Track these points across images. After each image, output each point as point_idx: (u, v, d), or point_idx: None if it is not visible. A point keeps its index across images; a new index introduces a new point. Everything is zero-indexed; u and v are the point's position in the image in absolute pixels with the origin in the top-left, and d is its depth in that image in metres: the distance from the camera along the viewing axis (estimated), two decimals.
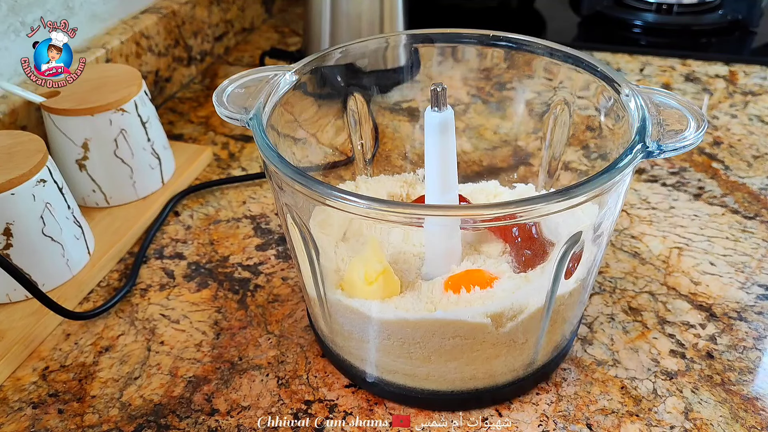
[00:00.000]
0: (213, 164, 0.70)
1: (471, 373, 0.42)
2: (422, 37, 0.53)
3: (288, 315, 0.52)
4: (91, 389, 0.46)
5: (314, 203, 0.38)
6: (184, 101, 0.82)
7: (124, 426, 0.44)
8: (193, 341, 0.50)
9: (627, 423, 0.43)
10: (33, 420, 0.44)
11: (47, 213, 0.51)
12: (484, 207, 0.35)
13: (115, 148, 0.59)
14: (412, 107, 0.60)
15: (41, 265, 0.51)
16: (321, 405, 0.45)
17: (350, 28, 0.77)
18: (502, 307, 0.40)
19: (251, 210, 0.64)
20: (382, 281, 0.41)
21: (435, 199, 0.45)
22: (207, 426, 0.43)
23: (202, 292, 0.54)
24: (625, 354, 0.48)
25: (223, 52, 0.93)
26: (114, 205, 0.62)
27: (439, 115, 0.42)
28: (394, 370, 0.43)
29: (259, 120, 0.41)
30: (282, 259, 0.57)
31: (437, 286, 0.42)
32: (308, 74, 0.48)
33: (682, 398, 0.44)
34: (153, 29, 0.77)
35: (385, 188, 0.55)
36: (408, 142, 0.59)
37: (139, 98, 0.60)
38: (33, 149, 0.51)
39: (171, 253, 0.59)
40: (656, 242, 0.58)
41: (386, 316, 0.41)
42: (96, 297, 0.54)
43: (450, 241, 0.44)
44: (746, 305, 0.52)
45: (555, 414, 0.44)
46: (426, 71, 0.56)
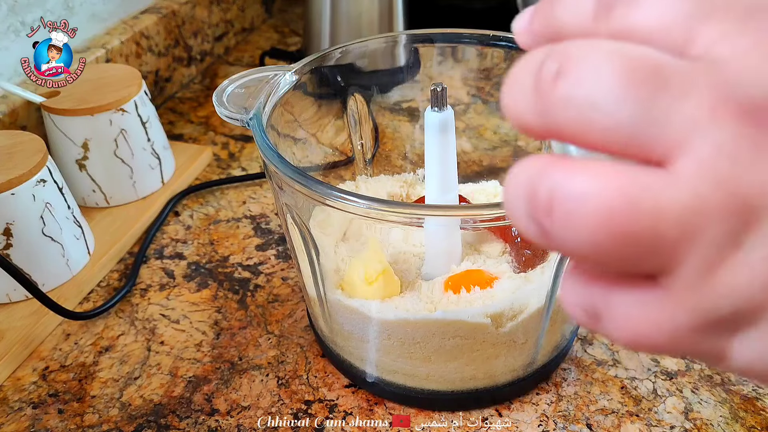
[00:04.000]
0: (213, 164, 0.70)
1: (471, 373, 0.42)
2: (422, 37, 0.53)
3: (288, 315, 0.52)
4: (91, 389, 0.46)
5: (314, 203, 0.38)
6: (184, 101, 0.82)
7: (124, 426, 0.44)
8: (193, 341, 0.50)
9: (627, 423, 0.43)
10: (33, 420, 0.44)
11: (47, 213, 0.51)
12: (484, 207, 0.35)
13: (115, 148, 0.59)
14: (412, 107, 0.60)
15: (41, 265, 0.51)
16: (321, 405, 0.45)
17: (350, 28, 0.77)
18: (502, 307, 0.40)
19: (251, 210, 0.64)
20: (382, 281, 0.41)
21: (435, 199, 0.45)
22: (207, 426, 0.43)
23: (202, 292, 0.54)
24: (625, 354, 0.48)
25: (223, 52, 0.93)
26: (114, 205, 0.62)
27: (439, 115, 0.42)
28: (394, 370, 0.43)
29: (259, 120, 0.41)
30: (282, 259, 0.57)
31: (437, 286, 0.42)
32: (308, 74, 0.48)
33: (682, 398, 0.44)
34: (153, 29, 0.77)
35: (385, 188, 0.55)
36: (408, 142, 0.59)
37: (139, 98, 0.60)
38: (33, 149, 0.51)
39: (171, 253, 0.59)
40: None
41: (386, 316, 0.41)
42: (96, 297, 0.54)
43: (450, 241, 0.44)
44: None
45: (555, 414, 0.44)
46: (426, 71, 0.56)
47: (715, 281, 0.14)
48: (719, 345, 0.15)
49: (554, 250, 0.16)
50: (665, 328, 0.15)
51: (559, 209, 0.15)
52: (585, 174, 0.14)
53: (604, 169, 0.14)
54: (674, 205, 0.14)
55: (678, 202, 0.14)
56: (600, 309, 0.16)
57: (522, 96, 0.16)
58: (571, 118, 0.15)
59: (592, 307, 0.16)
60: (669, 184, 0.14)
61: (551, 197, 0.15)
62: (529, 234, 0.16)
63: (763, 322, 0.14)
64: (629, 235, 0.14)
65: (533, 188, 0.15)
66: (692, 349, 0.16)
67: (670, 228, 0.14)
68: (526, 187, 0.15)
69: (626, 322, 0.16)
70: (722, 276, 0.14)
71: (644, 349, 0.16)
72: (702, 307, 0.15)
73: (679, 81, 0.14)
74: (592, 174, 0.14)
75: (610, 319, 0.16)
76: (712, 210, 0.14)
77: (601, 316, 0.16)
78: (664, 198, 0.14)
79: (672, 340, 0.15)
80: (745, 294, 0.14)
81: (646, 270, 0.15)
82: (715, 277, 0.14)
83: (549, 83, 0.15)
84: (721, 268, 0.14)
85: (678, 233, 0.14)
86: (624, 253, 0.14)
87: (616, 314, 0.16)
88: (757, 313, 0.14)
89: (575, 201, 0.14)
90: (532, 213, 0.15)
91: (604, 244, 0.14)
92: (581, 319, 0.17)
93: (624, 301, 0.16)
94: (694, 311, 0.15)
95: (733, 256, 0.14)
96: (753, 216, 0.14)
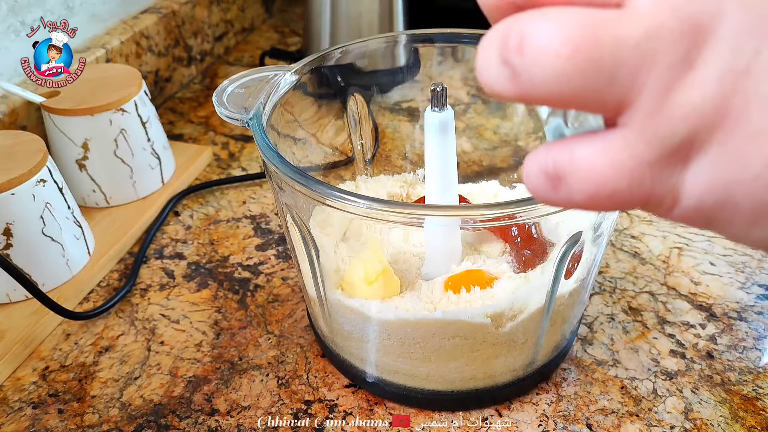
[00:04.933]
0: (213, 164, 0.70)
1: (471, 373, 0.42)
2: (422, 37, 0.53)
3: (288, 315, 0.52)
4: (91, 389, 0.46)
5: (314, 203, 0.38)
6: (184, 101, 0.82)
7: (124, 426, 0.44)
8: (193, 341, 0.50)
9: (627, 423, 0.43)
10: (33, 420, 0.44)
11: (47, 213, 0.51)
12: (484, 207, 0.35)
13: (115, 148, 0.59)
14: (412, 107, 0.60)
15: (41, 265, 0.51)
16: (321, 405, 0.45)
17: (350, 28, 0.77)
18: (502, 307, 0.40)
19: (251, 210, 0.64)
20: (382, 281, 0.41)
21: (435, 199, 0.45)
22: (207, 426, 0.43)
23: (202, 292, 0.54)
24: (625, 354, 0.48)
25: (223, 52, 0.93)
26: (114, 205, 0.62)
27: (439, 115, 0.42)
28: (394, 370, 0.43)
29: (259, 120, 0.40)
30: (282, 259, 0.57)
31: (437, 286, 0.42)
32: (308, 74, 0.48)
33: (682, 398, 0.44)
34: (153, 29, 0.77)
35: (385, 188, 0.55)
36: (408, 142, 0.59)
37: (139, 98, 0.60)
38: (33, 149, 0.51)
39: (171, 253, 0.59)
40: (656, 242, 0.58)
41: (386, 316, 0.41)
42: (96, 297, 0.54)
43: (450, 241, 0.44)
44: (746, 305, 0.52)
45: (555, 414, 0.44)
46: (426, 71, 0.56)
47: (671, 103, 0.16)
48: (673, 180, 0.16)
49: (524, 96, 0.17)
50: (626, 165, 0.16)
51: (529, 46, 0.16)
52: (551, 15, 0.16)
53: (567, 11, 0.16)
54: (633, 32, 0.15)
55: (636, 29, 0.15)
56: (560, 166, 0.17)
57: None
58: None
59: (553, 168, 0.17)
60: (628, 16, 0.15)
61: (521, 38, 0.16)
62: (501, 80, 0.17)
63: (713, 145, 0.16)
64: (593, 63, 0.15)
65: (505, 33, 0.16)
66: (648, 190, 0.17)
67: (630, 53, 0.15)
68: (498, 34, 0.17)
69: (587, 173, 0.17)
70: (677, 97, 0.16)
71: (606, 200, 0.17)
72: (660, 133, 0.16)
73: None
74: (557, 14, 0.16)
75: (573, 171, 0.17)
76: (666, 33, 0.15)
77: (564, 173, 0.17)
78: (624, 27, 0.15)
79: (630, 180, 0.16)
80: (698, 112, 0.15)
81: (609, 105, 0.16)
82: (671, 99, 0.16)
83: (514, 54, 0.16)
84: (676, 89, 0.15)
85: (637, 57, 0.15)
86: (589, 83, 0.16)
87: (576, 166, 0.17)
88: (711, 132, 0.16)
89: (543, 37, 0.16)
90: (503, 54, 0.16)
91: (570, 76, 0.16)
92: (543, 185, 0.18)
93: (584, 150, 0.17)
94: (652, 139, 0.16)
95: (687, 76, 0.15)
96: (702, 36, 0.15)
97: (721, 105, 0.15)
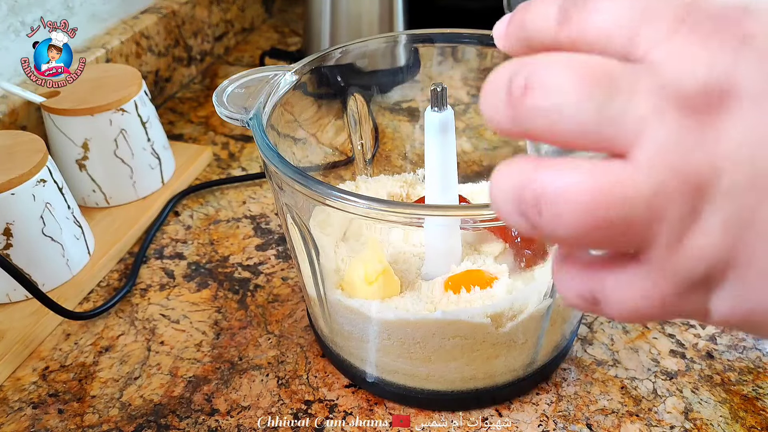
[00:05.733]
0: (213, 164, 0.70)
1: (471, 373, 0.42)
2: (422, 37, 0.53)
3: (288, 315, 0.52)
4: (91, 389, 0.46)
5: (314, 203, 0.38)
6: (184, 101, 0.82)
7: (124, 426, 0.44)
8: (193, 341, 0.50)
9: (627, 423, 0.43)
10: (33, 420, 0.44)
11: (47, 213, 0.51)
12: (484, 207, 0.35)
13: (115, 148, 0.59)
14: (412, 107, 0.60)
15: (41, 265, 0.51)
16: (321, 405, 0.45)
17: (350, 28, 0.77)
18: (502, 307, 0.40)
19: (251, 210, 0.64)
20: (382, 281, 0.41)
21: (435, 199, 0.45)
22: (207, 426, 0.43)
23: (202, 292, 0.54)
24: (625, 354, 0.48)
25: (223, 52, 0.93)
26: (114, 205, 0.62)
27: (439, 115, 0.42)
28: (394, 370, 0.43)
29: (259, 120, 0.41)
30: (282, 259, 0.57)
31: (437, 286, 0.42)
32: (308, 74, 0.48)
33: (682, 398, 0.44)
34: (153, 29, 0.77)
35: (385, 188, 0.55)
36: (408, 142, 0.59)
37: (139, 98, 0.60)
38: (33, 149, 0.51)
39: (171, 253, 0.59)
40: None
41: (386, 316, 0.41)
42: (96, 297, 0.54)
43: (450, 241, 0.44)
44: None
45: (555, 414, 0.44)
46: (426, 71, 0.56)
47: (685, 248, 0.17)
48: (700, 303, 0.18)
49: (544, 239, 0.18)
50: (655, 297, 0.18)
51: (547, 208, 0.17)
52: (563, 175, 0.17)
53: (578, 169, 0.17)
54: (640, 191, 0.17)
55: (642, 188, 0.17)
56: (597, 294, 0.19)
57: (497, 107, 0.18)
58: (541, 124, 0.17)
59: (590, 294, 0.19)
60: (632, 174, 0.17)
61: (538, 199, 0.17)
62: (521, 228, 0.18)
63: (731, 279, 0.17)
64: (608, 220, 0.17)
65: (520, 192, 0.18)
66: (680, 310, 0.18)
67: (640, 210, 0.17)
68: (513, 192, 0.18)
69: (622, 302, 0.18)
70: (690, 243, 0.17)
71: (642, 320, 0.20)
72: (679, 273, 0.17)
73: (627, 85, 0.17)
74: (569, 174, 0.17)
75: (607, 302, 0.19)
76: (671, 190, 0.16)
77: (599, 301, 0.19)
78: (631, 187, 0.17)
79: (662, 307, 0.18)
80: (711, 254, 0.17)
81: (627, 248, 0.18)
82: (684, 245, 0.17)
83: (519, 97, 0.18)
84: (688, 236, 0.17)
85: (647, 214, 0.17)
86: (606, 235, 0.17)
87: (612, 297, 0.19)
88: (725, 270, 0.17)
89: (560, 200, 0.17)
90: (522, 212, 0.18)
91: (588, 231, 0.17)
92: (582, 307, 0.20)
93: (616, 282, 0.18)
94: (673, 278, 0.17)
95: (696, 225, 0.17)
96: (704, 189, 0.16)
97: (730, 250, 0.17)
